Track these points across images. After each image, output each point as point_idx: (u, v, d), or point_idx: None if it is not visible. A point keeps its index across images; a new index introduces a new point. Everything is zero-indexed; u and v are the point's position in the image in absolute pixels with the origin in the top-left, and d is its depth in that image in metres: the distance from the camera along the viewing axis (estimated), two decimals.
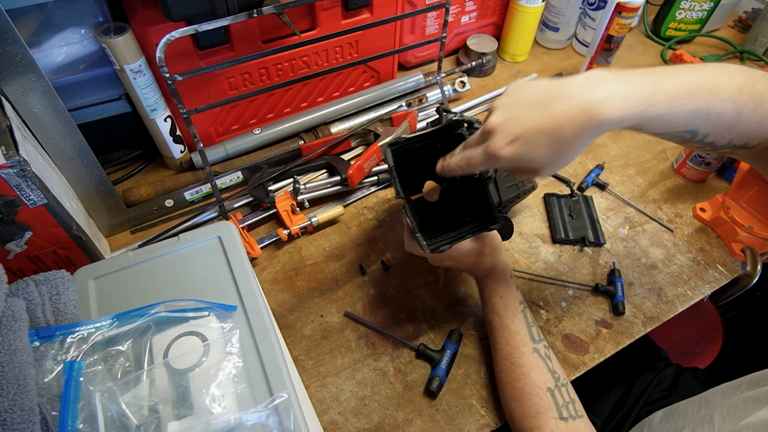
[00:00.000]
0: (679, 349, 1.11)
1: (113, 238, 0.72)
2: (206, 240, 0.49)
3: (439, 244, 0.54)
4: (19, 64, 0.51)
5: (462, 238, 0.54)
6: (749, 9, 1.15)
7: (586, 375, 0.61)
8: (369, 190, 0.78)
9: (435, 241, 0.55)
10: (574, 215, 0.75)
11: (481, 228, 0.55)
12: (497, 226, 0.55)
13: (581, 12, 0.99)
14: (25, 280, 0.40)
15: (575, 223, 0.74)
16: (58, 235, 0.55)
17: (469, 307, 0.66)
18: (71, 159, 0.61)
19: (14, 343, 0.34)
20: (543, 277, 0.69)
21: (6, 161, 0.45)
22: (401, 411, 0.57)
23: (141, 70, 0.64)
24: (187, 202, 0.75)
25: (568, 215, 0.75)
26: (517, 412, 0.52)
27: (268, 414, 0.36)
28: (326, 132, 0.81)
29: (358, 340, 0.62)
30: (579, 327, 0.65)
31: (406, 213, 0.55)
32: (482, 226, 0.56)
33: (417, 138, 0.56)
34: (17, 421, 0.32)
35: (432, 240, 0.55)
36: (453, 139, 0.58)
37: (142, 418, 0.35)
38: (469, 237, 0.55)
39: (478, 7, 0.96)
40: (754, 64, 1.05)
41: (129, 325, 0.40)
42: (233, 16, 0.58)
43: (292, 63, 0.75)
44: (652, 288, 0.69)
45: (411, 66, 0.98)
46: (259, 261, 0.70)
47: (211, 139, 0.78)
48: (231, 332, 0.41)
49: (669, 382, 0.77)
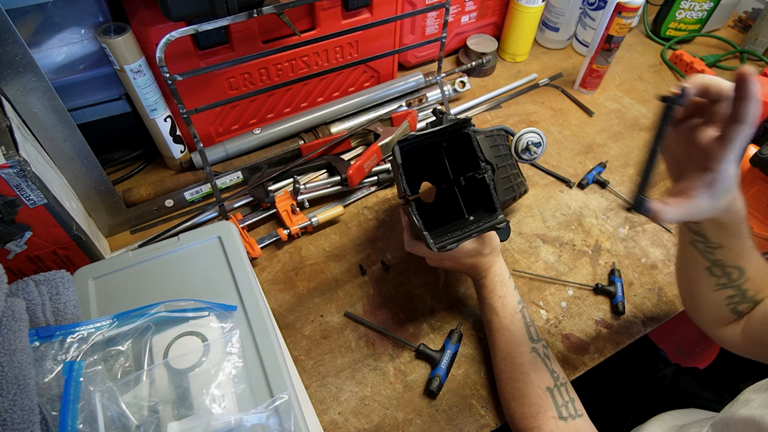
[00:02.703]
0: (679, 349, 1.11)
1: (113, 238, 0.72)
2: (206, 240, 0.49)
3: (446, 243, 0.53)
4: (19, 64, 0.51)
5: (469, 236, 0.54)
6: (749, 9, 1.15)
7: (586, 375, 0.61)
8: (369, 190, 0.78)
9: (439, 240, 0.54)
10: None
11: (489, 227, 0.55)
12: (505, 225, 0.55)
13: (581, 12, 0.99)
14: (25, 280, 0.40)
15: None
16: (58, 235, 0.55)
17: (469, 307, 0.66)
18: (71, 159, 0.61)
19: (14, 343, 0.34)
20: (543, 277, 0.69)
21: (6, 161, 0.45)
22: (401, 411, 0.57)
23: (141, 70, 0.64)
24: (187, 202, 0.75)
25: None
26: (516, 412, 0.52)
27: (269, 415, 0.36)
28: (326, 132, 0.81)
29: (358, 340, 0.62)
30: (579, 327, 0.65)
31: (412, 211, 0.54)
32: (489, 224, 0.55)
33: (425, 136, 0.56)
34: (17, 421, 0.32)
35: (436, 239, 0.54)
36: (459, 139, 0.58)
37: (142, 418, 0.35)
38: (476, 235, 0.54)
39: (478, 7, 0.96)
40: (754, 64, 1.05)
41: (129, 325, 0.40)
42: (233, 16, 0.58)
43: (292, 63, 0.75)
44: (652, 288, 0.69)
45: (411, 66, 0.98)
46: (259, 261, 0.70)
47: (211, 139, 0.78)
48: (231, 332, 0.41)
49: (668, 382, 0.77)
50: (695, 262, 0.51)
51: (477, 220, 0.58)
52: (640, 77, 1.02)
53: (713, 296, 0.51)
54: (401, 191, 0.56)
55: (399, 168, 0.55)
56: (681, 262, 0.54)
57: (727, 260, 0.48)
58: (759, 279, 0.49)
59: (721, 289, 0.50)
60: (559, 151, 0.86)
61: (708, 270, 0.50)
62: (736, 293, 0.50)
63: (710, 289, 0.51)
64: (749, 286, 0.49)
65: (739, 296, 0.50)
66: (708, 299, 0.52)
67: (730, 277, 0.49)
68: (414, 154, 0.58)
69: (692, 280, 0.53)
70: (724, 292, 0.50)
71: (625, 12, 0.84)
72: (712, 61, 1.03)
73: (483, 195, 0.58)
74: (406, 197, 0.56)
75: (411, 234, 0.59)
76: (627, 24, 0.86)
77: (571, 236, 0.74)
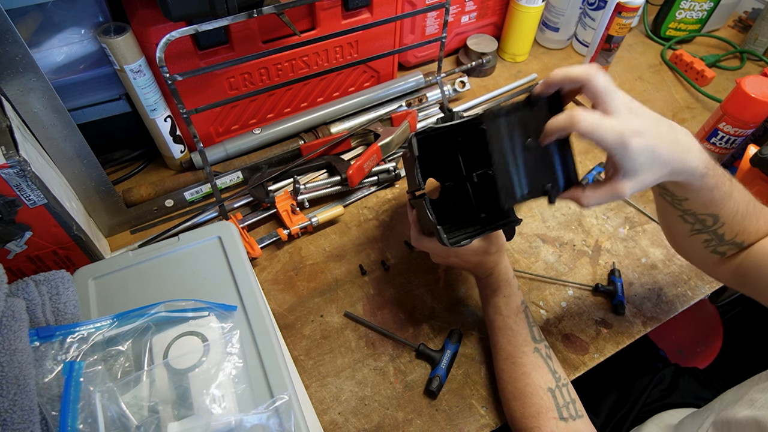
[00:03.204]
0: (679, 349, 1.11)
1: (113, 238, 0.72)
2: (206, 240, 0.49)
3: (459, 238, 0.53)
4: (19, 64, 0.51)
5: (483, 232, 0.53)
6: (749, 9, 1.15)
7: (586, 375, 0.61)
8: (369, 190, 0.78)
9: (451, 236, 0.54)
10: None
11: (503, 224, 0.55)
12: (518, 222, 0.55)
13: (581, 12, 0.99)
14: (25, 280, 0.40)
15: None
16: (58, 235, 0.55)
17: (469, 307, 0.66)
18: (71, 159, 0.61)
19: (14, 343, 0.34)
20: (543, 277, 0.69)
21: (6, 161, 0.45)
22: (401, 411, 0.57)
23: (141, 70, 0.64)
24: (187, 202, 0.75)
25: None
26: (517, 412, 0.52)
27: (269, 415, 0.36)
28: (326, 132, 0.81)
29: (358, 340, 0.62)
30: (579, 327, 0.65)
31: (426, 205, 0.53)
32: (503, 221, 0.55)
33: (443, 129, 0.55)
34: (17, 421, 0.32)
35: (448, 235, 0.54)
36: (476, 134, 0.57)
37: (142, 418, 0.35)
38: (489, 232, 0.54)
39: (478, 7, 0.96)
40: (754, 64, 1.05)
41: (129, 325, 0.40)
42: (233, 16, 0.58)
43: (292, 63, 0.75)
44: (652, 288, 0.69)
45: (411, 66, 0.98)
46: (259, 261, 0.70)
47: (211, 139, 0.78)
48: (231, 332, 0.41)
49: (668, 383, 0.77)
50: (668, 210, 0.52)
51: (488, 218, 0.58)
52: (640, 77, 1.02)
53: (691, 240, 0.53)
54: (414, 184, 0.55)
55: (415, 160, 0.54)
56: (658, 208, 0.56)
57: (697, 210, 0.49)
58: (737, 223, 0.50)
59: (696, 234, 0.52)
60: None
61: (681, 218, 0.51)
62: (712, 237, 0.51)
63: (687, 233, 0.52)
64: (725, 230, 0.50)
65: (716, 240, 0.51)
66: (687, 242, 0.54)
67: (704, 223, 0.50)
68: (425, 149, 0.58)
69: (669, 226, 0.55)
70: (699, 236, 0.52)
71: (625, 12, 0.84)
72: (712, 61, 1.03)
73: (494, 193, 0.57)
74: (415, 192, 0.55)
75: (419, 229, 0.59)
76: (627, 24, 0.86)
77: (571, 236, 0.74)
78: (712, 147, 0.76)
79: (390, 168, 0.78)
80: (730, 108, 0.72)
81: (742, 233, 0.50)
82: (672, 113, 0.95)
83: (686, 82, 1.00)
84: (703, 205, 0.48)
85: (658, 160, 0.42)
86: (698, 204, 0.48)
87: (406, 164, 0.62)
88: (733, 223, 0.49)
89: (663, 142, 0.42)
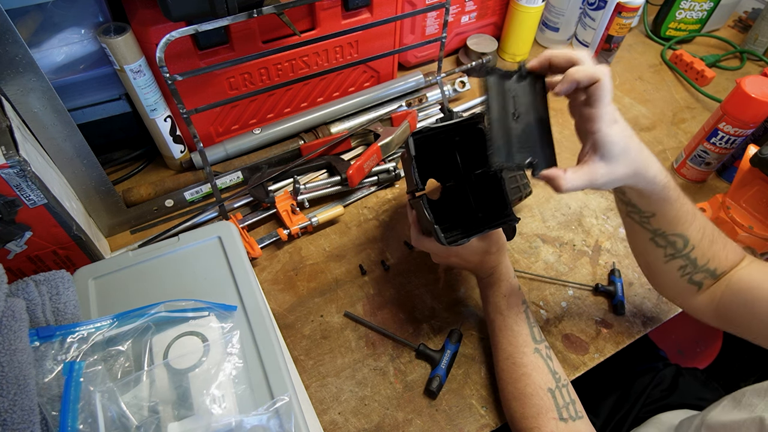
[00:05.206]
0: (678, 350, 1.11)
1: (113, 238, 0.72)
2: (206, 240, 0.49)
3: (456, 237, 0.53)
4: (19, 64, 0.51)
5: (482, 231, 0.54)
6: (749, 9, 1.15)
7: (586, 375, 0.61)
8: (369, 190, 0.78)
9: (449, 236, 0.54)
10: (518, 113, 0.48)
11: (501, 223, 0.55)
12: (517, 221, 0.55)
13: (581, 12, 0.99)
14: (25, 280, 0.40)
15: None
16: (58, 235, 0.55)
17: (469, 307, 0.66)
18: (71, 159, 0.61)
19: (14, 343, 0.34)
20: (543, 277, 0.69)
21: (6, 161, 0.45)
22: (401, 411, 0.57)
23: (141, 70, 0.64)
24: (187, 202, 0.75)
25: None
26: (517, 412, 0.52)
27: (269, 417, 0.36)
28: (326, 132, 0.81)
29: (358, 340, 0.62)
30: (579, 327, 0.65)
31: (424, 205, 0.53)
32: (502, 220, 0.55)
33: (440, 129, 0.55)
34: (17, 421, 0.32)
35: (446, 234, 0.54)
36: (474, 134, 0.57)
37: (142, 418, 0.35)
38: (487, 231, 0.54)
39: (478, 7, 0.96)
40: (754, 64, 1.05)
41: (129, 325, 0.40)
42: (233, 16, 0.58)
43: (292, 63, 0.75)
44: (652, 288, 0.69)
45: (411, 66, 0.98)
46: (259, 261, 0.70)
47: (211, 139, 0.78)
48: (231, 332, 0.41)
49: (668, 383, 0.77)
50: (639, 235, 0.53)
51: (486, 217, 0.58)
52: (640, 77, 1.02)
53: (666, 268, 0.53)
54: (413, 184, 0.56)
55: (413, 160, 0.54)
56: (629, 237, 0.56)
57: (666, 228, 0.50)
58: (706, 247, 0.50)
59: (671, 260, 0.52)
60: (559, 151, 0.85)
61: (653, 241, 0.52)
62: (687, 263, 0.52)
63: (661, 261, 0.53)
64: (697, 254, 0.51)
65: (691, 266, 0.52)
66: (662, 271, 0.54)
67: (675, 246, 0.51)
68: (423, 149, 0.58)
69: (642, 254, 0.56)
70: (674, 263, 0.52)
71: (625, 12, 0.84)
72: (712, 61, 1.03)
73: (492, 192, 0.57)
74: (414, 191, 0.55)
75: (419, 229, 0.59)
76: (627, 24, 0.86)
77: (571, 236, 0.74)
78: (712, 147, 0.76)
79: (390, 168, 0.78)
80: (730, 108, 0.72)
81: (714, 259, 0.51)
82: (672, 113, 0.95)
83: (686, 82, 1.00)
84: (669, 222, 0.49)
85: (629, 155, 0.45)
86: (665, 221, 0.49)
87: (404, 164, 0.63)
88: (702, 246, 0.50)
89: (633, 142, 0.45)
